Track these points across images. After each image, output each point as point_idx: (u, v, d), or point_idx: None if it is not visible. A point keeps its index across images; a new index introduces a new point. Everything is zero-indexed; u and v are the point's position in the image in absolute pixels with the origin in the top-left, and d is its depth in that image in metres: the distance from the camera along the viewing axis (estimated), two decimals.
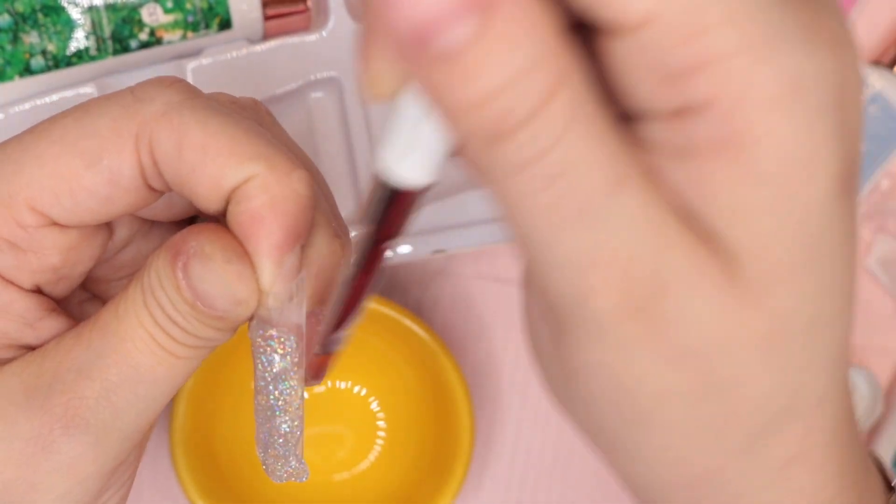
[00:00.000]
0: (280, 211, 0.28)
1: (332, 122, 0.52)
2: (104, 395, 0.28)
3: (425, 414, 0.56)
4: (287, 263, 0.28)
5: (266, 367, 0.29)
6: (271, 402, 0.30)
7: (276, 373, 0.29)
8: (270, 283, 0.28)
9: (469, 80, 0.19)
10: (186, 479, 0.53)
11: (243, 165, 0.28)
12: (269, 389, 0.29)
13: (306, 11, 0.50)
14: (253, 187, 0.28)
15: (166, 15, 0.48)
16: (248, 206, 0.28)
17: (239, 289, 0.28)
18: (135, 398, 0.29)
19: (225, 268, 0.28)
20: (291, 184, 0.28)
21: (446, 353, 0.53)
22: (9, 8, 0.46)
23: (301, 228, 0.28)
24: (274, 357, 0.29)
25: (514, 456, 0.59)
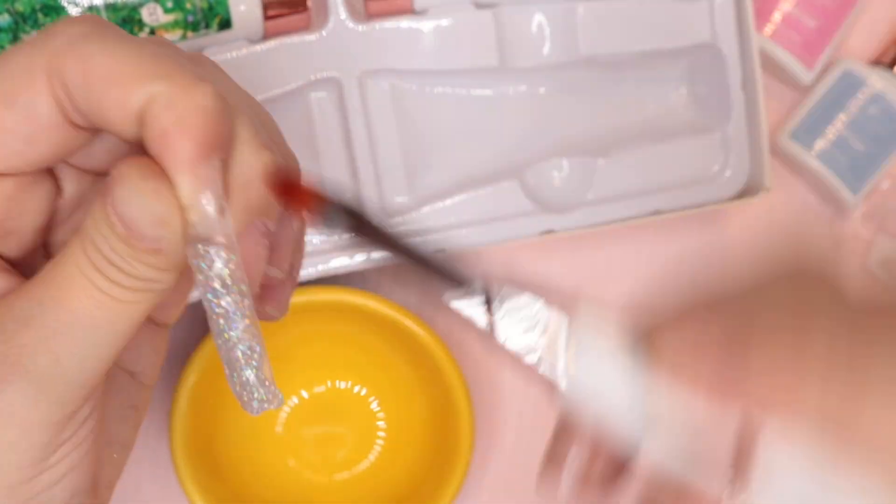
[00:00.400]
0: (186, 124, 0.28)
1: (332, 122, 0.52)
2: (42, 341, 0.28)
3: (425, 414, 0.56)
4: (202, 174, 0.28)
5: (206, 283, 0.29)
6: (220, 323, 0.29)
7: (217, 289, 0.29)
8: (188, 195, 0.28)
9: None
10: (186, 479, 0.53)
11: (145, 86, 0.28)
12: (215, 308, 0.29)
13: (306, 11, 0.50)
14: (157, 106, 0.28)
15: (166, 15, 0.48)
16: (155, 125, 0.28)
17: (157, 206, 0.28)
18: (75, 344, 0.29)
19: (141, 185, 0.28)
20: (195, 97, 0.28)
21: (446, 353, 0.53)
22: (9, 8, 0.46)
23: (213, 140, 0.28)
24: (211, 272, 0.28)
25: (514, 456, 0.59)
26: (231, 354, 0.30)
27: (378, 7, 0.51)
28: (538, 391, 0.63)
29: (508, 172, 0.54)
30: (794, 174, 0.61)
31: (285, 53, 0.50)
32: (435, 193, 0.54)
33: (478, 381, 0.59)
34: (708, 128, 0.55)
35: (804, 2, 0.58)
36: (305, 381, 0.57)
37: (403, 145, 0.53)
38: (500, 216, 0.54)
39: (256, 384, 0.30)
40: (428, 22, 0.51)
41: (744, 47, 0.54)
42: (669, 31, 0.54)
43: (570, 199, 0.54)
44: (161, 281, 0.29)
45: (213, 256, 0.28)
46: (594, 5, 0.52)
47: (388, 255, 0.28)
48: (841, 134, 0.59)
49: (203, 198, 0.28)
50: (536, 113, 0.54)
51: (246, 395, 0.30)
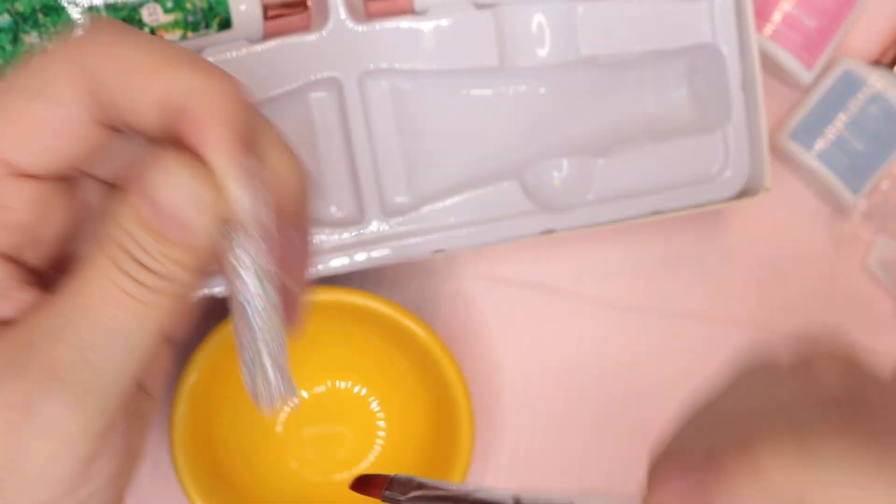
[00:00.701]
0: (216, 108, 0.28)
1: (332, 122, 0.52)
2: (78, 353, 0.28)
3: (425, 414, 0.56)
4: (239, 157, 0.28)
5: (235, 273, 0.28)
6: (244, 315, 0.29)
7: (244, 276, 0.28)
8: (228, 176, 0.28)
9: None
10: (186, 479, 0.53)
11: (171, 73, 0.28)
12: (241, 296, 0.29)
13: (306, 11, 0.50)
14: (184, 93, 0.28)
15: (166, 15, 0.48)
16: (188, 112, 0.28)
17: (196, 187, 0.28)
18: (110, 353, 0.29)
19: (180, 166, 0.27)
20: (223, 84, 0.28)
21: (446, 353, 0.53)
22: (9, 8, 0.46)
23: (245, 126, 0.28)
24: (242, 259, 0.28)
25: (514, 456, 0.59)
26: (254, 346, 0.29)
27: (378, 7, 0.51)
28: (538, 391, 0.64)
29: (508, 172, 0.54)
30: (794, 174, 0.61)
31: (285, 53, 0.50)
32: (435, 193, 0.53)
33: (478, 381, 0.59)
34: (708, 128, 0.55)
35: (804, 2, 0.58)
36: (305, 381, 0.57)
37: (403, 145, 0.53)
38: (500, 216, 0.54)
39: (275, 376, 0.30)
40: (428, 22, 0.51)
41: (744, 47, 0.54)
42: (669, 31, 0.53)
43: (570, 199, 0.54)
44: (187, 280, 0.29)
45: (247, 243, 0.28)
46: (594, 5, 0.52)
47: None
48: (841, 134, 0.59)
49: (242, 181, 0.28)
50: (536, 113, 0.54)
51: (262, 387, 0.30)
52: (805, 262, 0.61)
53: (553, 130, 0.54)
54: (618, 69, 0.54)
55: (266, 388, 0.30)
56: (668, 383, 0.60)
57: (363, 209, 0.52)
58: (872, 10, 0.61)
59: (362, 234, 0.53)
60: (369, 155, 0.52)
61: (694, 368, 0.60)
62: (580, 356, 0.60)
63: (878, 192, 0.61)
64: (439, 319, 0.59)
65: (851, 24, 0.60)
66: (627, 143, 0.55)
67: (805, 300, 0.61)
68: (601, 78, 0.54)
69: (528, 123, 0.54)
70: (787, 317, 0.61)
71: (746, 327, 0.60)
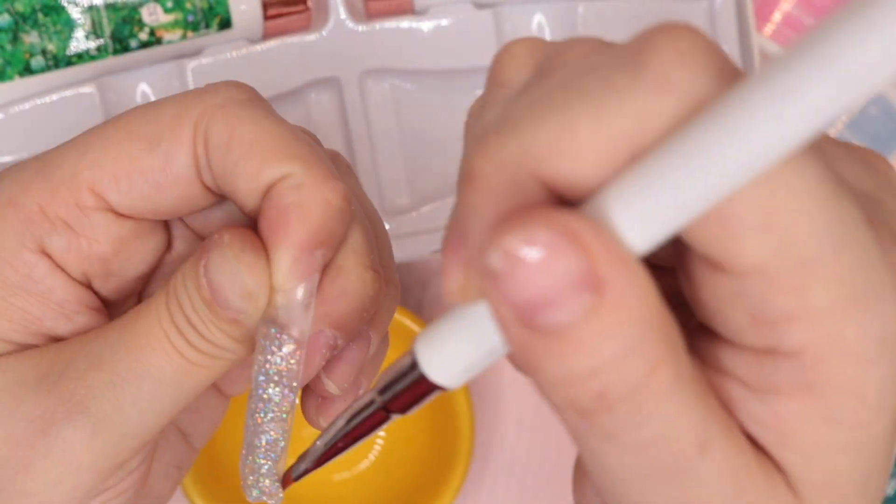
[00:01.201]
0: (305, 210, 0.28)
1: (332, 122, 0.52)
2: (109, 386, 0.28)
3: (425, 414, 0.56)
4: (302, 263, 0.28)
5: (263, 365, 0.29)
6: (260, 406, 0.29)
7: (271, 374, 0.29)
8: (282, 277, 0.28)
9: (570, 356, 0.19)
10: (186, 479, 0.53)
11: (282, 163, 0.28)
12: (261, 390, 0.29)
13: (306, 11, 0.50)
14: (286, 185, 0.28)
15: (166, 14, 0.48)
16: (276, 202, 0.28)
17: (248, 280, 0.28)
18: (139, 395, 0.29)
19: (238, 256, 0.28)
20: (325, 190, 0.28)
21: None
22: (9, 8, 0.46)
23: (325, 235, 0.28)
24: (273, 357, 0.29)
25: (514, 456, 0.59)
26: (256, 438, 0.30)
27: (378, 7, 0.51)
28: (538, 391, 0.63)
29: None
30: None
31: (285, 53, 0.50)
32: (435, 193, 0.54)
33: (478, 381, 0.59)
34: None
35: (804, 2, 0.58)
36: None
37: (403, 145, 0.53)
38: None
39: (266, 475, 0.31)
40: (428, 22, 0.51)
41: (744, 47, 0.54)
42: None
43: None
44: (234, 351, 0.29)
45: (281, 344, 0.29)
46: (594, 5, 0.52)
47: None
48: (841, 134, 0.59)
49: (296, 286, 0.28)
50: None
51: (251, 480, 0.30)
52: None
53: None
54: None
55: (253, 481, 0.31)
56: None
57: None
58: None
59: None
60: (369, 155, 0.52)
61: None
62: None
63: None
64: None
65: None
66: None
67: None
68: None
69: None
70: None
71: None
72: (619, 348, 0.19)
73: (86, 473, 0.29)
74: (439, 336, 0.23)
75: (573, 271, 0.19)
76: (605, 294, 0.19)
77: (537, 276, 0.19)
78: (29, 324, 0.30)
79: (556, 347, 0.19)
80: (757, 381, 0.21)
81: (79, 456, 0.29)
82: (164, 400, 0.29)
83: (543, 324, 0.19)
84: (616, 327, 0.19)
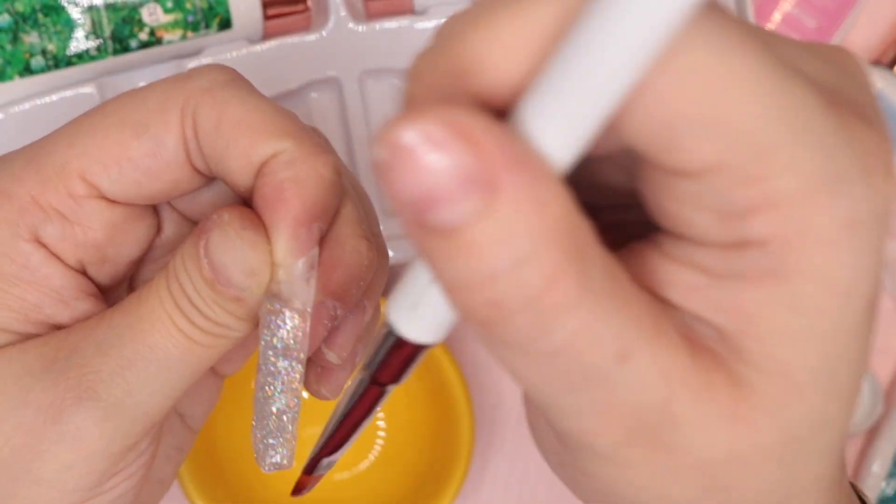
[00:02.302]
0: (301, 185, 0.28)
1: (332, 122, 0.52)
2: (118, 370, 0.29)
3: (425, 413, 0.56)
4: (302, 237, 0.28)
5: (269, 341, 0.29)
6: (268, 380, 0.30)
7: (277, 348, 0.29)
8: (283, 253, 0.28)
9: (463, 259, 0.19)
10: (186, 479, 0.53)
11: (273, 140, 0.28)
12: (269, 365, 0.29)
13: (306, 11, 0.50)
14: (279, 162, 0.28)
15: (166, 15, 0.48)
16: (271, 179, 0.28)
17: (251, 257, 0.28)
18: (147, 377, 0.29)
19: (240, 234, 0.28)
20: (317, 164, 0.29)
21: (446, 353, 0.53)
22: (9, 8, 0.46)
23: (321, 208, 0.29)
24: (278, 332, 0.29)
25: (514, 456, 0.59)
26: (266, 409, 0.30)
27: (378, 7, 0.51)
28: None
29: None
30: None
31: (285, 53, 0.50)
32: None
33: (478, 381, 0.59)
34: None
35: (804, 2, 0.58)
36: None
37: None
38: None
39: (279, 445, 0.31)
40: (428, 22, 0.51)
41: None
42: None
43: None
44: (237, 329, 0.29)
45: (285, 318, 0.29)
46: None
47: None
48: None
49: (297, 260, 0.28)
50: None
51: (264, 450, 0.31)
52: None
53: None
54: None
55: (266, 451, 0.31)
56: None
57: None
58: (872, 10, 0.61)
59: None
60: (369, 155, 0.52)
61: None
62: None
63: None
64: None
65: (851, 24, 0.60)
66: None
67: None
68: None
69: None
70: None
71: None
72: (513, 255, 0.18)
73: (98, 458, 0.29)
74: (404, 294, 0.23)
75: (462, 168, 0.18)
76: (499, 195, 0.18)
77: (422, 169, 0.18)
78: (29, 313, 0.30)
79: (449, 249, 0.19)
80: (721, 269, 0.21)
81: (91, 441, 0.29)
82: (172, 381, 0.29)
83: (433, 222, 0.18)
84: (509, 232, 0.18)
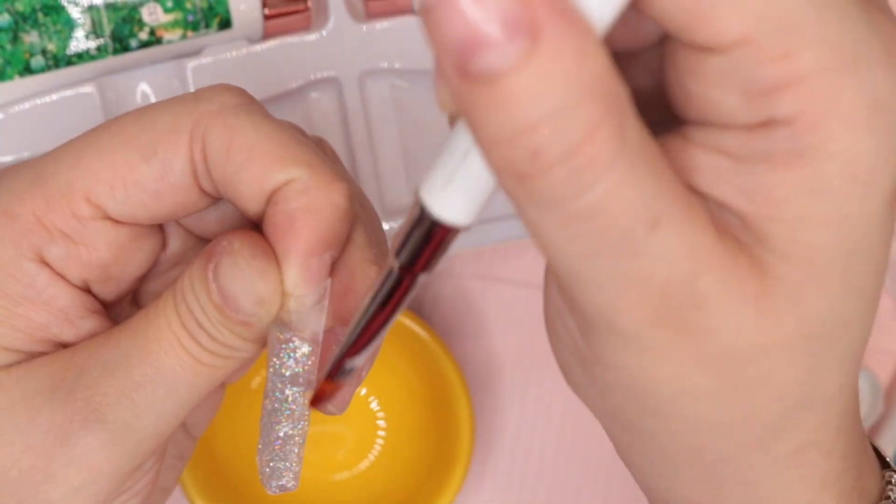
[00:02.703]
0: (314, 215, 0.28)
1: (332, 122, 0.52)
2: (125, 393, 0.29)
3: (425, 414, 0.56)
4: (313, 268, 0.28)
5: (278, 369, 0.29)
6: (276, 406, 0.30)
7: (286, 376, 0.29)
8: (294, 284, 0.28)
9: (504, 108, 0.19)
10: (186, 479, 0.53)
11: (286, 168, 0.28)
12: (278, 392, 0.29)
13: (306, 11, 0.50)
14: (292, 190, 0.28)
15: (166, 14, 0.48)
16: (283, 207, 0.28)
17: (261, 287, 0.28)
18: (155, 399, 0.29)
19: (250, 264, 0.28)
20: (330, 193, 0.28)
21: (446, 353, 0.53)
22: (9, 7, 0.46)
23: (333, 238, 0.28)
24: (288, 360, 0.29)
25: (514, 455, 0.59)
26: (272, 434, 0.30)
27: (378, 7, 0.51)
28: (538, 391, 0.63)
29: None
30: None
31: (285, 53, 0.50)
32: None
33: (478, 381, 0.59)
34: None
35: None
36: None
37: (403, 145, 0.53)
38: (499, 216, 0.54)
39: (285, 469, 0.31)
40: None
41: None
42: None
43: None
44: (245, 350, 0.29)
45: (294, 347, 0.29)
46: None
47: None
48: None
49: (307, 290, 0.28)
50: None
51: (270, 473, 0.31)
52: None
53: None
54: None
55: (272, 475, 0.31)
56: None
57: None
58: None
59: None
60: (369, 155, 0.52)
61: None
62: None
63: None
64: (439, 319, 0.59)
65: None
66: None
67: None
68: None
69: None
70: None
71: None
72: (555, 103, 0.18)
73: (106, 479, 0.29)
74: (438, 171, 0.22)
75: (506, 12, 0.18)
76: (541, 42, 0.18)
77: (467, 12, 0.18)
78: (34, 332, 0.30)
79: (490, 98, 0.19)
80: (747, 152, 0.21)
81: (99, 463, 0.29)
82: (178, 402, 0.29)
83: (476, 69, 0.18)
84: (551, 80, 0.18)
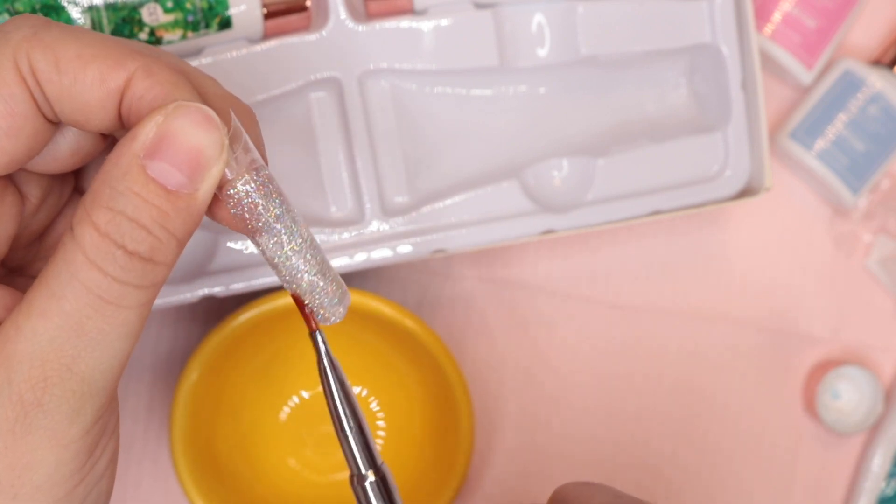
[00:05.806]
0: (179, 82, 0.29)
1: (332, 122, 0.52)
2: (66, 368, 0.29)
3: (425, 414, 0.56)
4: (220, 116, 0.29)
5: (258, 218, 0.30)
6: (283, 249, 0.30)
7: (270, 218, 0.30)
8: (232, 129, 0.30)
9: None
10: (186, 479, 0.53)
11: (123, 64, 0.29)
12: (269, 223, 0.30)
13: (306, 11, 0.50)
14: (141, 78, 0.29)
15: (166, 15, 0.48)
16: (149, 90, 0.29)
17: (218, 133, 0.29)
18: (95, 362, 0.29)
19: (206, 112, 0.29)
20: (173, 69, 0.30)
21: (446, 353, 0.53)
22: (9, 7, 0.46)
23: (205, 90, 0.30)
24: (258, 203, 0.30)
25: (514, 455, 0.59)
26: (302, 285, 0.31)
27: (378, 7, 0.51)
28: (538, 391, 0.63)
29: (508, 172, 0.54)
30: (794, 174, 0.61)
31: (285, 53, 0.50)
32: (435, 193, 0.54)
33: (478, 381, 0.59)
34: (708, 128, 0.55)
35: (804, 2, 0.58)
36: (306, 382, 0.57)
37: (403, 145, 0.53)
38: (500, 216, 0.54)
39: (326, 284, 0.32)
40: (428, 22, 0.51)
41: (744, 47, 0.54)
42: (669, 31, 0.53)
43: (570, 199, 0.54)
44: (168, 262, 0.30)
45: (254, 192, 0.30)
46: (594, 5, 0.52)
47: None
48: (841, 134, 0.59)
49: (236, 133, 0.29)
50: (536, 113, 0.54)
51: (318, 299, 0.32)
52: (805, 262, 0.61)
53: (553, 130, 0.54)
54: (618, 69, 0.54)
55: (321, 299, 0.32)
56: (667, 383, 0.60)
57: (363, 209, 0.52)
58: (872, 10, 0.61)
59: (362, 234, 0.53)
60: (369, 155, 0.52)
61: (693, 368, 0.60)
62: (580, 356, 0.60)
63: (878, 191, 0.61)
64: (439, 320, 0.59)
65: (851, 24, 0.60)
66: (627, 143, 0.55)
67: (805, 300, 0.61)
68: (601, 78, 0.54)
69: (527, 123, 0.54)
70: (788, 316, 0.61)
71: (746, 327, 0.60)
72: None
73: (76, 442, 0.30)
74: None
75: None
76: None
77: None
78: None
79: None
80: None
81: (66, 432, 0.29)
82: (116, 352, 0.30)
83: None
84: None
